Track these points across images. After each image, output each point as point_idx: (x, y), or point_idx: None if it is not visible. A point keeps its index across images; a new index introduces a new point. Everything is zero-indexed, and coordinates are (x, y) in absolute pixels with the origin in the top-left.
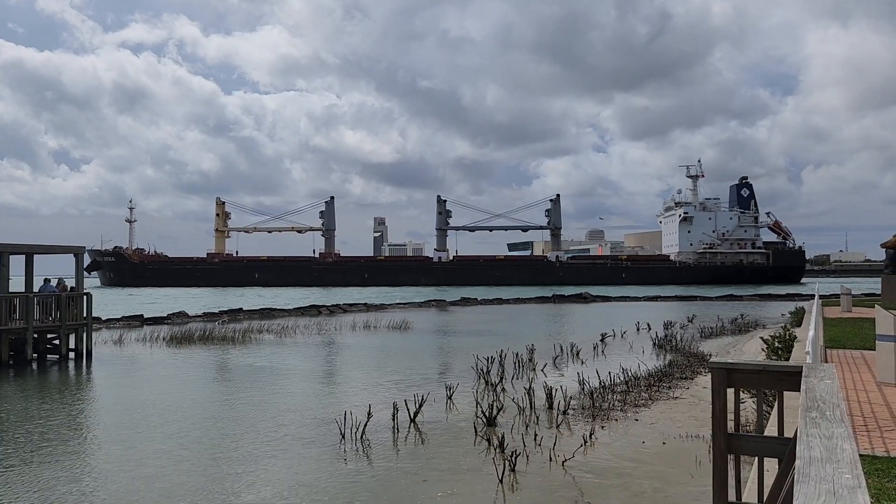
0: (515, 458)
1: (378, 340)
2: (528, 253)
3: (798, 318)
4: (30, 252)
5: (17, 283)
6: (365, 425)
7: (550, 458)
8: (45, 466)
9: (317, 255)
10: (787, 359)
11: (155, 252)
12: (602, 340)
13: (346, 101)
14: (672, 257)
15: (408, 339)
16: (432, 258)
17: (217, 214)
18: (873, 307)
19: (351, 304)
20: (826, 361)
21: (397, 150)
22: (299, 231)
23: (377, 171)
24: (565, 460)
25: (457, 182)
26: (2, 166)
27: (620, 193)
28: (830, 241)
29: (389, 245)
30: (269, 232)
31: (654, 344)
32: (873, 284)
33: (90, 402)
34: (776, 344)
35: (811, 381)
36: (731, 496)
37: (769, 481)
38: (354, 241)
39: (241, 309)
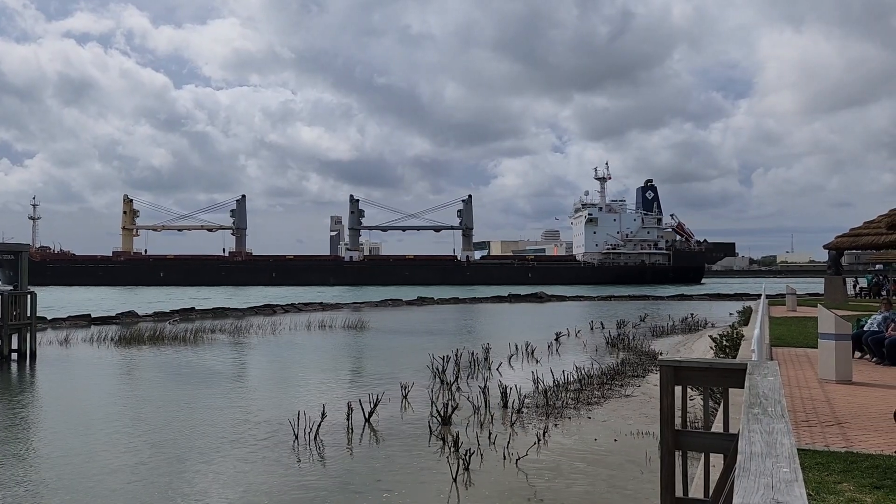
0: (469, 457)
1: (333, 340)
2: (485, 253)
3: (746, 317)
4: None
5: None
6: (319, 426)
7: (504, 457)
8: None
9: (227, 254)
10: (735, 357)
11: (60, 250)
12: (557, 339)
13: (302, 98)
14: (578, 258)
15: (363, 338)
16: (343, 257)
17: (124, 212)
18: (816, 306)
19: (306, 304)
20: (771, 359)
21: (355, 148)
22: (209, 230)
23: (335, 169)
24: (519, 458)
25: (416, 181)
26: None
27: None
28: (777, 243)
29: (345, 244)
30: (178, 230)
31: (608, 342)
32: (817, 285)
33: (34, 404)
34: (724, 342)
35: (755, 378)
36: (679, 492)
37: (715, 476)
38: (311, 241)
39: (192, 308)
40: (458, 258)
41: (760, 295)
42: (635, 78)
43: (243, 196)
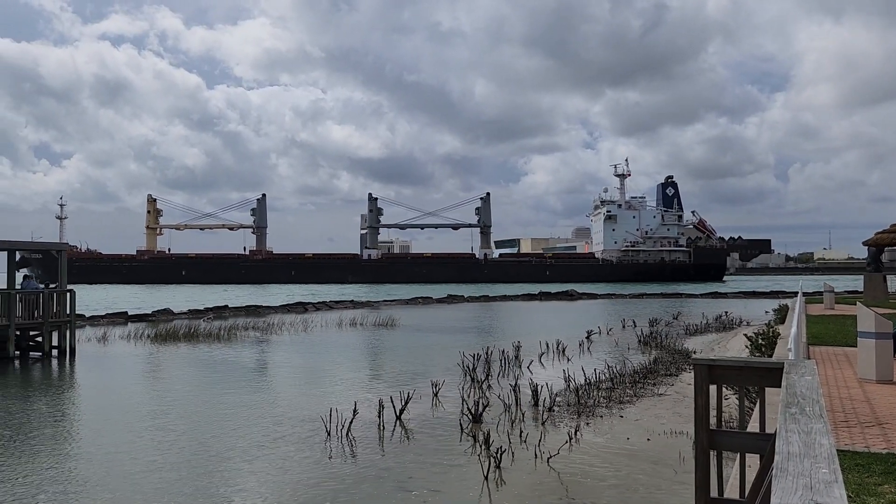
0: (501, 455)
1: (364, 337)
2: (514, 250)
3: (782, 315)
4: (12, 248)
5: None
6: (350, 423)
7: (536, 455)
8: (29, 468)
9: (247, 253)
10: (771, 356)
11: (87, 249)
12: (588, 337)
13: (332, 96)
14: (597, 255)
15: (394, 336)
16: (361, 255)
17: (148, 212)
18: (855, 304)
19: (337, 301)
20: (809, 358)
21: (385, 146)
22: (231, 228)
23: (365, 167)
24: (550, 457)
25: (446, 178)
26: None
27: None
28: (815, 239)
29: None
30: (200, 229)
31: (640, 341)
32: (856, 282)
33: (76, 401)
34: (760, 341)
35: (792, 377)
36: (714, 492)
37: (751, 477)
38: (341, 239)
39: (226, 306)
40: (477, 256)
41: (797, 292)
42: (668, 72)
43: (263, 195)
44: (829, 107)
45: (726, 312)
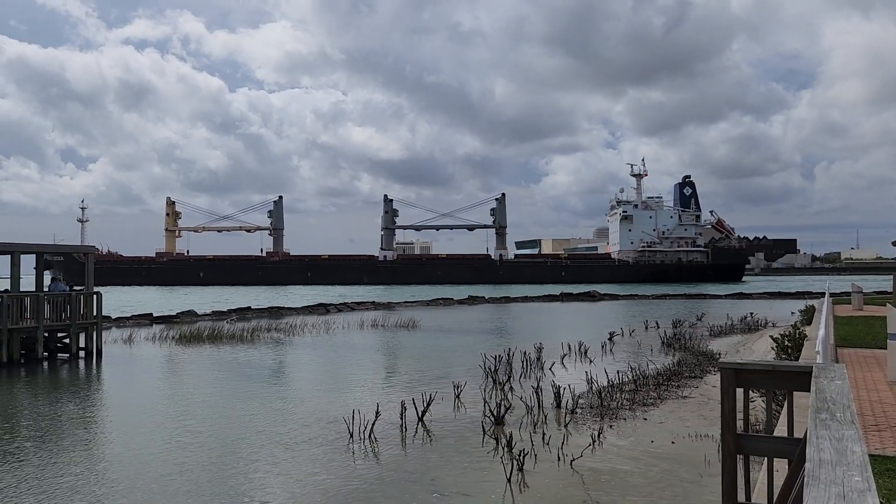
0: (523, 458)
1: (386, 339)
2: (535, 251)
3: (808, 316)
4: (40, 252)
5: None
6: (373, 424)
7: (559, 458)
8: (61, 470)
9: (264, 254)
10: (798, 358)
11: (108, 251)
12: (610, 339)
13: (353, 98)
14: (613, 255)
15: (415, 337)
16: (377, 257)
17: (167, 214)
18: (885, 305)
19: (358, 303)
20: (837, 361)
21: (406, 147)
22: (248, 230)
23: (386, 169)
24: (573, 459)
25: (466, 179)
26: (9, 165)
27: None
28: (842, 239)
29: (397, 243)
30: (218, 231)
31: (663, 342)
32: (885, 283)
33: (104, 403)
34: (786, 343)
35: (821, 381)
36: (741, 496)
37: (779, 482)
38: (362, 241)
39: (249, 307)
40: (492, 257)
41: (824, 293)
42: (691, 70)
43: (280, 197)
44: (857, 104)
45: (751, 313)
